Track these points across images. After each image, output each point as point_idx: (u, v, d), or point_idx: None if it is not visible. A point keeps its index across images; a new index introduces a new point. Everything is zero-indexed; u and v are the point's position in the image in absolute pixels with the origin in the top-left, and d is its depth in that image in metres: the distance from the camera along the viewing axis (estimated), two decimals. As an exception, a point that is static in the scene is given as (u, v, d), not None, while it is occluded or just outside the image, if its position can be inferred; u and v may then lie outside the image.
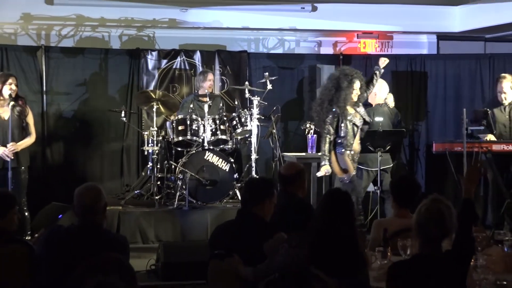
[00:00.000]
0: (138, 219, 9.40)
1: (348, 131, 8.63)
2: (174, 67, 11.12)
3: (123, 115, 9.98)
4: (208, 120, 9.57)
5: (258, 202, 5.48)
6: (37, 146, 9.99)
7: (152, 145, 9.72)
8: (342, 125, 8.64)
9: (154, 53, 11.10)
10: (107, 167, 10.92)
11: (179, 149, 9.84)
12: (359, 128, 8.78)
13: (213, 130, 9.61)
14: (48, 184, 10.39)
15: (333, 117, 8.67)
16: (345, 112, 8.64)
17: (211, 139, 9.60)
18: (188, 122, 9.56)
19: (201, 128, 9.56)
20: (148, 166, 9.96)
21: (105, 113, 10.69)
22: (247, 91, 10.09)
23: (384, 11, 11.32)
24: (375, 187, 9.27)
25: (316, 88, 11.08)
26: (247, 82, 10.53)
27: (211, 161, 9.49)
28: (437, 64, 11.56)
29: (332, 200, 4.83)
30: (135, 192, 10.08)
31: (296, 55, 11.85)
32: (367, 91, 9.13)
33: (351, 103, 8.74)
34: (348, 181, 8.72)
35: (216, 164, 9.50)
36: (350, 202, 4.88)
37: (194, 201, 9.44)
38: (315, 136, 10.12)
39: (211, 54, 11.23)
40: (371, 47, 12.08)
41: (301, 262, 4.45)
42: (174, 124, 9.68)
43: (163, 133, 10.07)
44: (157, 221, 9.43)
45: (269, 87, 9.95)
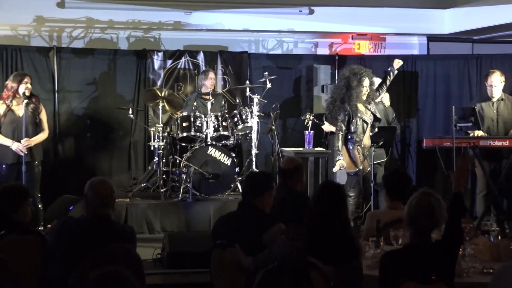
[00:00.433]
0: (145, 210, 9.41)
1: (358, 127, 8.68)
2: (178, 67, 11.12)
3: (130, 112, 10.00)
4: (211, 117, 9.57)
5: (258, 195, 5.49)
6: (50, 142, 9.99)
7: (158, 140, 9.72)
8: (352, 121, 8.70)
9: (160, 54, 11.09)
10: (115, 161, 10.91)
11: (184, 144, 9.85)
12: (368, 124, 8.81)
13: (216, 127, 9.60)
14: (60, 177, 10.38)
15: (344, 114, 8.74)
16: (355, 110, 8.69)
17: (214, 135, 9.60)
18: (192, 119, 9.56)
19: (204, 125, 9.56)
20: (154, 160, 9.96)
21: (113, 110, 10.69)
22: (247, 90, 10.09)
23: (377, 14, 11.31)
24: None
25: (313, 87, 11.07)
26: (247, 81, 10.54)
27: (213, 155, 9.49)
28: (427, 64, 11.55)
29: (325, 192, 4.83)
30: (142, 185, 10.08)
31: (294, 55, 11.84)
32: (380, 90, 9.18)
33: (361, 100, 8.78)
34: (353, 174, 8.79)
35: (219, 159, 9.50)
36: (342, 193, 4.87)
37: (198, 194, 9.44)
38: (312, 132, 10.12)
39: (213, 55, 11.22)
40: (365, 48, 12.07)
41: (298, 252, 4.46)
42: (178, 120, 9.69)
43: (169, 129, 10.07)
44: (162, 212, 9.44)
45: (268, 85, 9.95)
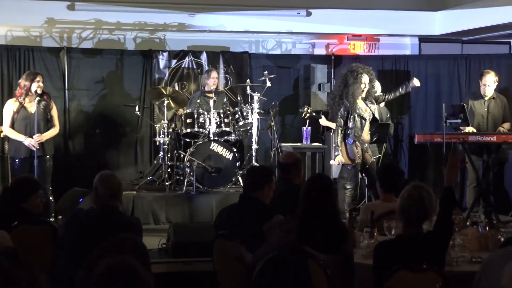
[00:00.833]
0: (151, 202, 9.41)
1: (356, 123, 8.70)
2: (182, 66, 11.11)
3: (137, 109, 10.00)
4: (213, 114, 9.57)
5: (259, 188, 5.50)
6: (60, 137, 9.99)
7: (163, 136, 9.73)
8: (351, 117, 8.73)
9: (165, 54, 11.08)
10: (122, 156, 10.91)
11: (187, 140, 9.84)
12: (367, 120, 8.83)
13: (218, 123, 9.60)
14: (70, 171, 10.38)
15: (343, 110, 8.79)
16: (354, 106, 8.72)
17: (216, 131, 9.59)
18: (196, 115, 9.56)
19: (207, 121, 9.56)
20: (160, 155, 9.95)
21: (121, 107, 10.68)
22: (248, 88, 10.10)
23: (372, 16, 11.30)
24: (363, 174, 9.28)
25: (310, 85, 11.08)
26: (248, 79, 10.52)
27: (216, 150, 9.49)
28: (419, 63, 11.54)
29: (314, 184, 4.83)
30: (148, 178, 10.08)
31: (292, 55, 11.83)
32: (387, 95, 9.23)
33: (360, 97, 8.82)
34: (351, 167, 8.82)
35: (221, 153, 9.50)
36: (330, 184, 4.87)
37: (201, 187, 9.44)
38: (309, 128, 10.13)
39: (216, 55, 11.22)
40: (359, 49, 12.07)
41: (292, 244, 4.46)
42: (182, 117, 9.69)
43: (173, 125, 10.07)
44: (167, 204, 9.44)
45: (268, 84, 9.94)
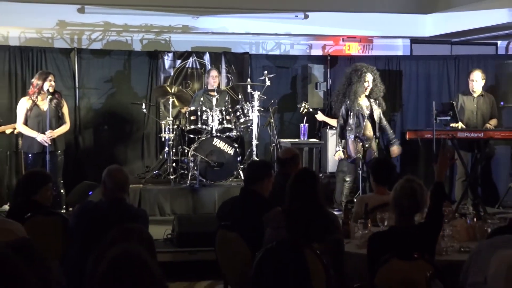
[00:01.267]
0: (157, 195, 9.41)
1: (355, 121, 8.75)
2: (187, 66, 11.10)
3: (143, 107, 10.02)
4: (216, 111, 9.57)
5: (258, 181, 5.51)
6: (71, 134, 9.99)
7: (168, 132, 9.73)
8: (351, 115, 8.77)
9: (170, 55, 11.07)
10: (130, 151, 10.91)
11: (191, 136, 9.84)
12: (365, 117, 8.86)
13: (220, 120, 9.60)
14: (80, 165, 10.39)
15: (344, 108, 8.84)
16: (354, 104, 8.76)
17: (218, 128, 9.59)
18: (199, 113, 9.56)
19: (210, 118, 9.55)
20: (165, 150, 9.95)
21: (128, 105, 10.69)
22: (249, 87, 10.12)
23: (366, 19, 11.28)
24: (358, 168, 9.29)
25: (307, 84, 11.07)
26: (249, 79, 10.54)
27: (218, 146, 9.49)
28: (411, 64, 11.54)
29: (300, 177, 4.83)
30: (154, 172, 10.09)
31: (290, 56, 11.82)
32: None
33: (364, 95, 8.85)
34: (349, 161, 8.86)
35: (223, 149, 9.50)
36: (315, 177, 4.86)
37: (204, 180, 9.44)
38: (307, 125, 10.15)
39: (218, 55, 11.21)
40: (354, 50, 12.07)
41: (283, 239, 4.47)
42: (187, 114, 9.69)
43: (178, 122, 10.07)
44: (172, 197, 9.45)
45: (267, 83, 9.95)
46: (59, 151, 8.57)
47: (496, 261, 2.73)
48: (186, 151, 9.76)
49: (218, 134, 9.58)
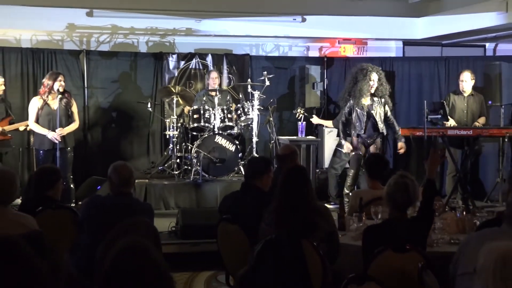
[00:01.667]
0: (162, 190, 9.41)
1: (356, 118, 8.78)
2: (190, 67, 11.10)
3: (149, 106, 10.01)
4: (217, 110, 9.57)
5: (258, 176, 5.50)
6: (80, 131, 9.99)
7: (173, 130, 9.73)
8: (354, 113, 8.82)
9: (174, 56, 11.07)
10: (136, 148, 10.91)
11: (194, 133, 9.84)
12: (367, 116, 8.88)
13: (222, 118, 9.60)
14: (89, 161, 10.39)
15: (348, 106, 8.85)
16: (358, 102, 8.77)
17: (220, 125, 9.59)
18: (202, 111, 9.55)
19: (212, 117, 9.55)
20: (170, 147, 9.95)
21: (134, 104, 10.70)
22: (249, 87, 10.10)
23: (360, 22, 11.28)
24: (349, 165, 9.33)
25: (305, 84, 11.09)
26: (249, 79, 10.54)
27: (220, 143, 9.49)
28: (403, 65, 11.54)
29: (291, 174, 4.82)
30: (159, 168, 10.08)
31: (289, 57, 11.82)
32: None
33: (368, 94, 8.85)
34: (353, 155, 8.97)
35: (224, 146, 9.50)
36: (305, 174, 4.85)
37: (207, 175, 9.44)
38: (304, 123, 10.14)
39: (220, 57, 11.21)
40: (349, 51, 12.07)
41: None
42: (190, 113, 9.69)
43: (182, 120, 10.07)
44: (176, 191, 9.44)
45: (267, 83, 9.95)
46: (68, 148, 8.58)
47: (484, 252, 2.73)
48: (189, 147, 9.76)
49: (220, 132, 9.58)
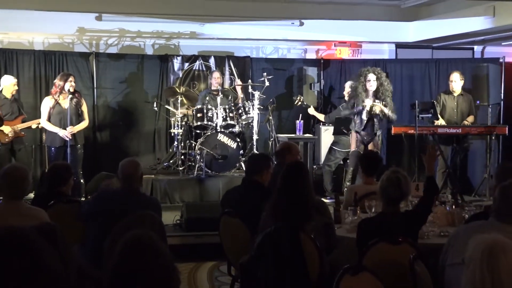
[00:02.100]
0: (167, 184, 9.41)
1: (358, 117, 8.82)
2: (194, 68, 11.09)
3: (155, 105, 10.04)
4: (220, 109, 9.56)
5: (258, 172, 5.51)
6: (90, 129, 9.99)
7: (177, 128, 9.73)
8: (355, 112, 8.87)
9: (179, 58, 11.07)
10: (142, 145, 10.91)
11: (198, 131, 9.83)
12: (365, 115, 8.91)
13: (224, 117, 9.60)
14: (98, 158, 10.39)
15: (351, 106, 8.90)
16: (358, 103, 8.81)
17: (222, 124, 9.59)
18: (205, 110, 9.55)
19: (215, 115, 9.55)
20: (174, 144, 9.96)
21: (141, 103, 10.71)
22: (250, 87, 10.11)
23: (355, 26, 11.28)
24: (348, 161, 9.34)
25: (303, 85, 11.06)
26: (250, 80, 10.54)
27: (222, 140, 9.49)
28: (395, 66, 11.53)
29: (291, 169, 4.82)
30: (164, 164, 10.09)
31: (287, 59, 11.81)
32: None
33: (368, 95, 8.87)
34: (352, 152, 9.02)
35: (226, 143, 9.50)
36: (303, 169, 4.85)
37: (209, 171, 9.44)
38: (302, 121, 10.14)
39: (222, 59, 11.20)
40: (345, 53, 12.06)
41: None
42: (194, 112, 9.69)
43: (186, 119, 10.07)
44: (181, 186, 9.45)
45: (266, 84, 9.94)
46: (79, 145, 8.59)
47: (472, 244, 2.73)
48: (193, 145, 9.76)
49: (222, 130, 9.58)
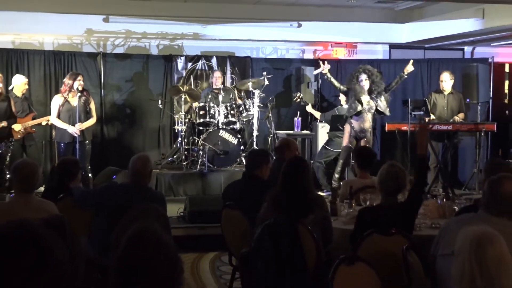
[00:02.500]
0: (171, 178, 9.43)
1: (353, 114, 8.88)
2: (197, 68, 11.09)
3: (159, 103, 10.03)
4: (221, 106, 9.57)
5: (258, 167, 5.50)
6: (98, 126, 10.00)
7: (181, 125, 9.74)
8: (352, 107, 8.94)
9: (182, 58, 11.06)
10: (148, 141, 10.91)
11: (201, 128, 9.84)
12: (360, 112, 8.94)
13: (225, 114, 9.60)
14: (105, 153, 10.39)
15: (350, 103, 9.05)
16: (353, 101, 8.87)
17: (224, 121, 9.59)
18: (207, 108, 9.56)
19: (217, 113, 9.55)
20: (178, 140, 9.97)
21: (146, 101, 10.70)
22: (250, 86, 10.09)
23: (351, 27, 11.28)
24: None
25: (300, 84, 11.06)
26: (250, 79, 10.53)
27: (224, 137, 9.49)
28: (389, 66, 11.52)
29: (292, 164, 4.82)
30: (169, 159, 10.10)
31: (286, 59, 11.81)
32: (389, 87, 9.19)
33: (363, 92, 8.89)
34: (344, 147, 9.07)
35: (228, 139, 9.50)
36: (303, 164, 4.85)
37: (212, 166, 9.45)
38: (300, 118, 10.15)
39: (224, 59, 11.20)
40: (341, 54, 12.07)
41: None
42: (196, 109, 9.68)
43: (189, 116, 10.07)
44: (184, 180, 9.46)
45: (266, 82, 9.95)
46: (87, 141, 8.59)
47: (461, 235, 2.74)
48: (196, 141, 9.76)
49: (224, 127, 9.58)
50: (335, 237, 4.67)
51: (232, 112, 9.64)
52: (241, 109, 9.76)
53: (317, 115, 10.33)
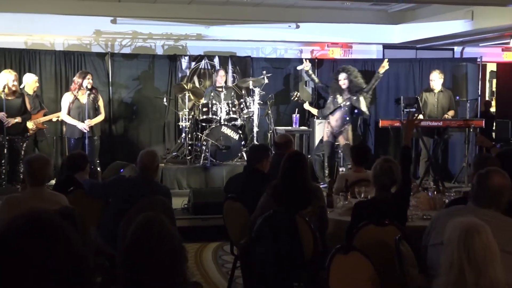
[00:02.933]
0: (175, 172, 9.43)
1: (329, 110, 8.91)
2: (200, 67, 11.07)
3: (164, 100, 10.02)
4: (223, 104, 9.57)
5: (258, 161, 5.52)
6: (106, 122, 9.97)
7: (185, 121, 9.73)
8: (330, 106, 9.01)
9: (186, 58, 11.05)
10: (153, 136, 10.90)
11: (204, 124, 9.83)
12: (336, 109, 8.98)
13: (227, 111, 9.60)
14: (113, 148, 10.37)
15: (329, 101, 9.15)
16: (332, 99, 8.90)
17: (226, 117, 9.59)
18: (210, 105, 9.55)
19: (219, 110, 9.55)
20: (182, 136, 9.96)
21: (152, 99, 10.69)
22: (250, 84, 10.09)
23: (346, 28, 11.28)
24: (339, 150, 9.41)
25: (298, 82, 11.08)
26: (251, 77, 10.52)
27: (225, 132, 9.49)
28: (383, 65, 11.53)
29: (290, 158, 4.83)
30: (173, 154, 10.09)
31: (285, 59, 11.79)
32: (368, 86, 9.18)
33: (341, 91, 8.93)
34: (325, 143, 9.14)
35: (229, 135, 9.50)
36: (302, 158, 4.85)
37: (214, 160, 9.45)
38: (298, 115, 10.15)
39: (225, 58, 11.19)
40: (337, 54, 12.06)
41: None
42: (200, 106, 9.69)
43: (193, 113, 10.07)
44: (188, 174, 9.46)
45: (266, 81, 9.95)
46: (96, 137, 8.58)
47: (451, 226, 2.75)
48: (199, 136, 9.76)
49: (226, 123, 9.58)
50: (331, 228, 4.68)
51: (233, 109, 9.64)
52: (242, 106, 9.76)
53: (314, 112, 10.32)
